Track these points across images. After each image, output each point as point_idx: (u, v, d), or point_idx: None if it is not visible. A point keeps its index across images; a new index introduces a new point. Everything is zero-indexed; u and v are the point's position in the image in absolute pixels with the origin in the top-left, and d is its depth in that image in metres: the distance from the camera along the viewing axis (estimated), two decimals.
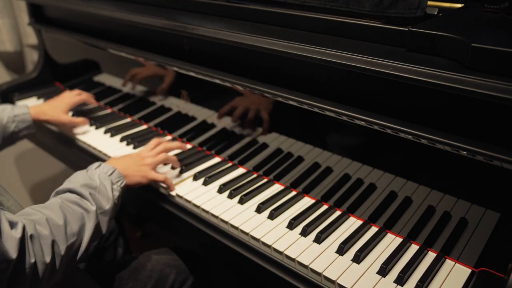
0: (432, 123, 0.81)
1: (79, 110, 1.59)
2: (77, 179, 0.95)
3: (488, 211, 0.86)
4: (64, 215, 0.84)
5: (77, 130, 1.46)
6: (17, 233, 0.71)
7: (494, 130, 0.76)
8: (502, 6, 0.90)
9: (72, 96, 1.46)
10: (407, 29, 0.85)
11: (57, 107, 1.39)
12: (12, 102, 1.74)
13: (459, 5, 1.00)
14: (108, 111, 1.61)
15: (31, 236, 0.74)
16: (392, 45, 0.89)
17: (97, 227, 0.90)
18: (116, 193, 0.97)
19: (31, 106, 1.34)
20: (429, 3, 0.91)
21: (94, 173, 0.97)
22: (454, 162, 0.84)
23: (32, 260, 0.73)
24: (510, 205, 0.82)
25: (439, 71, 0.75)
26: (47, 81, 1.85)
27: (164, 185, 1.12)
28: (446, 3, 1.01)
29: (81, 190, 0.91)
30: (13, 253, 0.69)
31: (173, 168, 1.21)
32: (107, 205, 0.93)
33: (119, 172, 1.01)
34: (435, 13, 0.96)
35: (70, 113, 1.60)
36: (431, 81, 0.75)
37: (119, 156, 1.14)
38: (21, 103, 1.70)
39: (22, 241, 0.72)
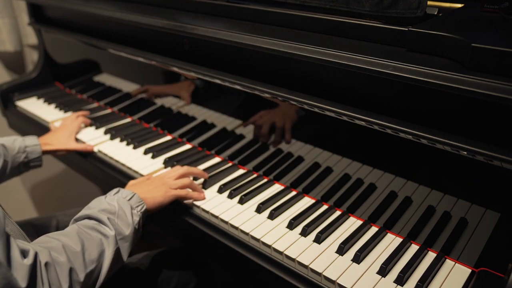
0: (432, 123, 0.81)
1: (78, 110, 1.59)
2: (95, 205, 0.92)
3: (488, 211, 0.86)
4: (82, 241, 0.81)
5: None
6: (28, 260, 0.69)
7: (494, 130, 0.76)
8: (502, 6, 0.90)
9: (73, 121, 1.45)
10: (407, 29, 0.85)
11: (62, 136, 1.37)
12: (12, 102, 1.74)
13: (459, 5, 1.00)
14: (108, 111, 1.61)
15: (46, 264, 0.72)
16: (392, 45, 0.89)
17: (117, 253, 0.87)
18: (136, 218, 0.92)
19: (40, 138, 1.33)
20: (429, 3, 0.91)
21: (113, 199, 0.93)
22: (454, 162, 0.84)
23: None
24: (510, 205, 0.82)
25: (439, 71, 0.75)
26: (47, 81, 1.85)
27: (190, 200, 1.08)
28: (446, 3, 1.01)
29: (99, 216, 0.88)
30: (22, 282, 0.67)
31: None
32: (127, 231, 0.89)
33: (139, 196, 0.97)
34: (435, 13, 0.96)
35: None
36: (431, 81, 0.75)
37: (137, 181, 1.11)
38: (21, 103, 1.71)
39: (34, 269, 0.69)
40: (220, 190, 1.11)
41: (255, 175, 1.17)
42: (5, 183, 1.25)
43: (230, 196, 1.09)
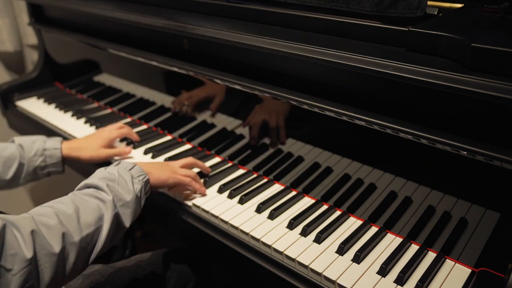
0: (432, 123, 0.81)
1: (78, 110, 1.59)
2: (95, 175, 0.92)
3: (488, 211, 0.86)
4: (76, 206, 0.81)
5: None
6: None
7: (494, 130, 0.76)
8: (502, 6, 0.90)
9: (112, 130, 1.29)
10: (407, 29, 0.85)
11: (94, 142, 1.23)
12: (12, 102, 1.74)
13: (459, 5, 1.00)
14: (108, 111, 1.61)
15: (32, 231, 0.71)
16: (392, 45, 0.89)
17: (117, 218, 0.86)
18: (138, 186, 0.92)
19: (65, 141, 1.20)
20: (429, 3, 0.91)
21: (113, 168, 0.93)
22: (454, 162, 0.84)
23: (29, 255, 0.68)
24: (510, 205, 0.82)
25: (439, 71, 0.75)
26: (47, 81, 1.85)
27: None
28: (446, 3, 1.01)
29: (98, 183, 0.88)
30: None
31: None
32: (128, 197, 0.88)
33: (141, 167, 0.97)
34: (435, 13, 0.96)
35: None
36: (431, 81, 0.75)
37: (144, 162, 1.09)
38: (21, 103, 1.71)
39: (3, 238, 0.67)
40: (220, 190, 1.11)
41: (255, 175, 1.17)
42: None
43: (230, 196, 1.09)
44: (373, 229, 0.97)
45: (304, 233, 0.95)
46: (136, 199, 0.91)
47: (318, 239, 0.93)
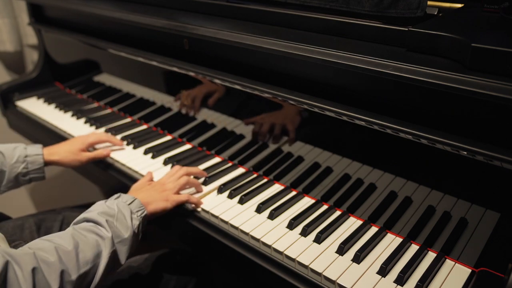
0: (432, 123, 0.81)
1: (78, 110, 1.59)
2: (94, 209, 0.91)
3: (488, 211, 0.86)
4: (76, 242, 0.80)
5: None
6: None
7: (494, 130, 0.76)
8: (502, 6, 0.90)
9: (93, 134, 1.32)
10: (407, 29, 0.85)
11: (73, 146, 1.25)
12: (12, 102, 1.74)
13: (459, 5, 1.00)
14: (108, 111, 1.61)
15: (33, 269, 0.71)
16: (392, 45, 0.89)
17: (114, 255, 0.85)
18: (136, 222, 0.91)
19: (46, 148, 1.21)
20: (429, 3, 0.91)
21: (113, 203, 0.93)
22: (454, 162, 0.84)
23: None
24: (510, 205, 0.82)
25: (439, 71, 0.75)
26: (47, 81, 1.85)
27: (192, 205, 1.07)
28: (446, 3, 1.01)
29: (97, 218, 0.87)
30: None
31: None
32: (126, 234, 0.88)
33: (140, 201, 0.96)
34: (435, 13, 0.96)
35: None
36: (431, 81, 0.75)
37: (138, 186, 1.10)
38: (21, 103, 1.71)
39: (3, 277, 0.68)
40: (220, 190, 1.11)
41: (255, 175, 1.17)
42: None
43: (230, 196, 1.09)
44: (373, 229, 0.97)
45: (304, 233, 0.95)
46: (134, 235, 0.90)
47: (318, 239, 0.93)
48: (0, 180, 1.12)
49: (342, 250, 0.90)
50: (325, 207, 1.04)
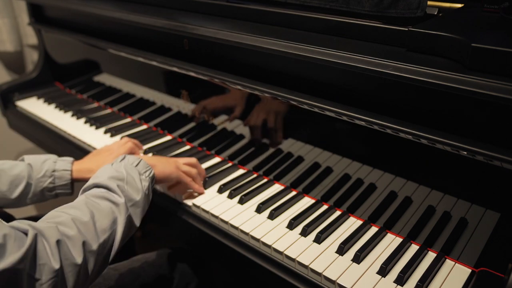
0: (432, 123, 0.81)
1: (78, 110, 1.59)
2: (102, 173, 0.90)
3: (488, 211, 0.86)
4: (91, 212, 0.80)
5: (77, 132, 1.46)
6: (25, 245, 0.67)
7: (494, 130, 0.76)
8: (502, 6, 0.90)
9: (120, 146, 1.21)
10: (407, 29, 0.85)
11: (104, 163, 1.10)
12: (12, 102, 1.74)
13: (459, 5, 1.00)
14: (108, 111, 1.61)
15: (57, 241, 0.71)
16: (392, 45, 0.89)
17: (129, 220, 0.86)
18: (145, 183, 0.92)
19: (76, 162, 1.13)
20: (429, 3, 0.91)
21: (120, 165, 0.92)
22: (454, 162, 0.84)
23: (57, 266, 0.70)
24: (510, 205, 0.82)
25: (439, 71, 0.75)
26: (47, 81, 1.85)
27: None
28: (446, 3, 1.01)
29: (108, 183, 0.87)
30: (17, 260, 0.65)
31: None
32: (138, 196, 0.88)
33: (146, 162, 0.96)
34: (435, 13, 0.96)
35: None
36: (431, 81, 0.75)
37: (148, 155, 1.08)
38: (21, 103, 1.71)
39: (33, 251, 0.68)
40: (220, 190, 1.11)
41: (255, 175, 1.17)
42: None
43: (230, 196, 1.09)
44: (373, 229, 0.97)
45: (304, 233, 0.95)
46: (145, 197, 0.91)
47: (318, 239, 0.93)
48: (26, 193, 1.08)
49: (342, 250, 0.90)
50: (325, 207, 1.04)
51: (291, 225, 0.98)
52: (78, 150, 1.41)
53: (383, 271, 0.84)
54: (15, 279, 0.65)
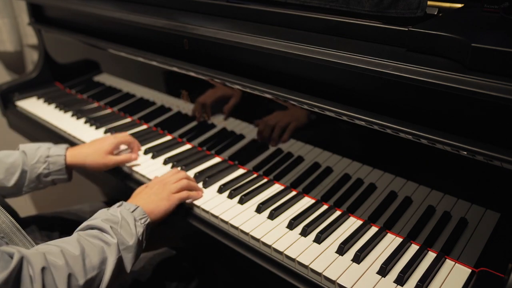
0: (432, 123, 0.81)
1: (78, 110, 1.59)
2: (97, 216, 0.91)
3: (488, 211, 0.86)
4: (82, 247, 0.80)
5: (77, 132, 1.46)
6: (9, 268, 0.67)
7: (494, 130, 0.76)
8: (502, 6, 0.90)
9: (116, 136, 1.25)
10: (407, 29, 0.85)
11: (99, 149, 1.18)
12: (12, 102, 1.74)
13: (459, 5, 1.00)
14: (108, 111, 1.61)
15: (42, 268, 0.71)
16: (392, 45, 0.89)
17: (120, 262, 0.84)
18: (140, 229, 0.91)
19: (71, 148, 1.16)
20: (429, 3, 0.91)
21: (116, 210, 0.92)
22: (454, 162, 0.84)
23: None
24: (510, 205, 0.82)
25: (439, 71, 0.75)
26: (47, 81, 1.85)
27: (191, 201, 1.07)
28: (446, 3, 1.01)
29: (102, 225, 0.87)
30: (1, 281, 0.65)
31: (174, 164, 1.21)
32: (131, 241, 0.87)
33: (142, 209, 0.95)
34: (435, 13, 0.96)
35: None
36: (431, 81, 0.75)
37: (137, 191, 1.07)
38: (21, 103, 1.71)
39: (17, 276, 0.68)
40: (220, 190, 1.11)
41: (255, 175, 1.17)
42: None
43: (230, 196, 1.09)
44: (373, 229, 0.97)
45: (304, 233, 0.95)
46: (138, 243, 0.89)
47: (318, 239, 0.93)
48: (22, 180, 1.09)
49: (342, 250, 0.90)
50: (325, 207, 1.04)
51: (291, 225, 0.98)
52: None
53: (383, 271, 0.84)
54: None
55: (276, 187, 1.13)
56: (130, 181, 1.22)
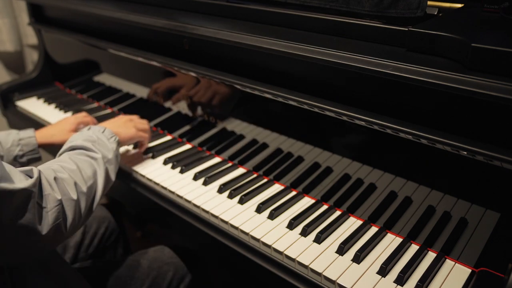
0: (432, 123, 0.81)
1: (78, 110, 1.59)
2: (76, 138, 1.02)
3: (488, 211, 0.86)
4: (76, 163, 0.90)
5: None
6: (33, 177, 0.74)
7: (494, 130, 0.76)
8: (502, 6, 0.90)
9: (77, 117, 1.36)
10: (407, 29, 0.85)
11: (64, 128, 1.29)
12: (12, 102, 1.74)
13: (459, 5, 1.00)
14: (108, 111, 1.61)
15: (55, 178, 0.80)
16: (392, 45, 0.89)
17: (107, 174, 0.97)
18: (114, 145, 1.04)
19: (37, 131, 1.27)
20: (429, 3, 0.91)
21: (89, 132, 1.05)
22: (454, 162, 0.84)
23: (59, 197, 0.78)
24: (510, 205, 0.82)
25: (439, 71, 0.75)
26: (47, 81, 1.85)
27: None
28: (446, 3, 1.01)
29: (84, 144, 0.98)
30: (32, 185, 0.72)
31: (174, 167, 1.22)
32: (110, 154, 1.00)
33: (110, 130, 1.08)
34: (435, 13, 0.96)
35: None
36: (431, 81, 0.75)
37: (108, 120, 1.22)
38: (21, 103, 1.71)
39: (39, 181, 0.76)
40: (220, 190, 1.11)
41: (255, 175, 1.17)
42: None
43: (230, 196, 1.09)
44: (373, 229, 0.97)
45: (304, 233, 0.95)
46: (115, 157, 1.03)
47: (318, 239, 0.93)
48: None
49: (342, 250, 0.90)
50: (325, 207, 1.04)
51: (291, 225, 0.98)
52: None
53: (383, 271, 0.84)
54: (27, 204, 0.71)
55: (276, 187, 1.13)
56: (130, 181, 1.22)
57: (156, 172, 1.21)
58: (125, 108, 1.57)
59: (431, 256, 0.88)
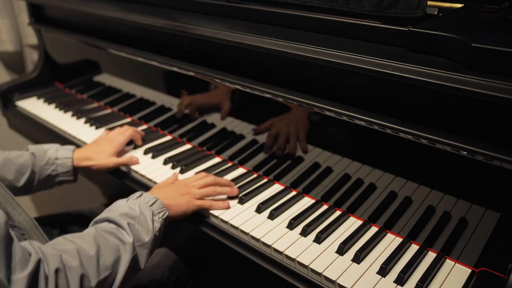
0: (432, 123, 0.81)
1: (78, 110, 1.59)
2: (115, 208, 0.90)
3: (488, 211, 0.86)
4: (98, 246, 0.79)
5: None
6: (27, 269, 0.67)
7: (494, 130, 0.76)
8: (502, 6, 0.90)
9: (120, 134, 1.28)
10: (407, 29, 0.85)
11: (104, 151, 1.22)
12: (12, 102, 1.74)
13: (459, 5, 1.00)
14: (108, 111, 1.61)
15: (56, 270, 0.71)
16: (392, 45, 0.89)
17: (134, 260, 0.84)
18: (157, 225, 0.90)
19: (77, 150, 1.20)
20: (429, 3, 0.91)
21: (135, 203, 0.91)
22: (454, 162, 0.84)
23: None
24: (510, 205, 0.82)
25: (439, 71, 0.75)
26: (47, 81, 1.85)
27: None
28: (446, 3, 1.01)
29: (119, 220, 0.86)
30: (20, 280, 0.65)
31: (173, 166, 1.22)
32: (147, 237, 0.86)
33: (162, 202, 0.94)
34: (435, 13, 0.96)
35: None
36: (431, 81, 0.75)
37: (162, 184, 1.08)
38: (21, 103, 1.71)
39: (35, 276, 0.68)
40: None
41: (255, 175, 1.17)
42: None
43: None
44: (373, 229, 0.97)
45: (304, 233, 0.95)
46: (154, 239, 0.89)
47: (318, 239, 0.93)
48: (31, 180, 1.13)
49: (342, 250, 0.90)
50: (325, 207, 1.04)
51: (291, 225, 0.98)
52: None
53: (383, 271, 0.84)
54: None
55: (276, 187, 1.13)
56: (129, 181, 1.22)
57: (156, 172, 1.21)
58: (125, 108, 1.57)
59: (431, 256, 0.88)
